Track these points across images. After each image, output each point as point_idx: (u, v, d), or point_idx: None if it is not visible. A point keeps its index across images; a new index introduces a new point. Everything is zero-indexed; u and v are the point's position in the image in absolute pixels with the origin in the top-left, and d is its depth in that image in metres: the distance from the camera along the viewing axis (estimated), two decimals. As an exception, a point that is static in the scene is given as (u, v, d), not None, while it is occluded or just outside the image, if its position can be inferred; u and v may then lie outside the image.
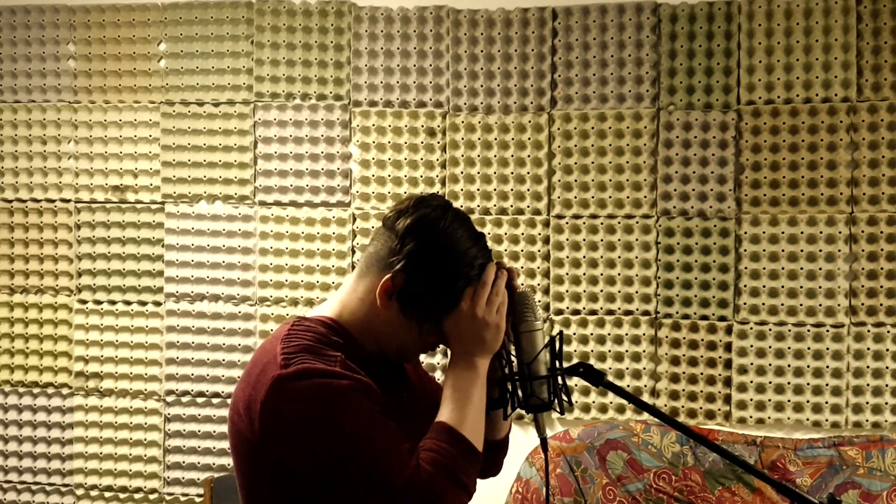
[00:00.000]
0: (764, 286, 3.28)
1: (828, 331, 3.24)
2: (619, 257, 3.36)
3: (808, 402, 3.25)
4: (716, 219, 3.31)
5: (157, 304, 3.63)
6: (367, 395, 1.50)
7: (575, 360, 2.33)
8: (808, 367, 3.25)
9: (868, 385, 3.22)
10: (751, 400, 3.28)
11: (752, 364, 3.28)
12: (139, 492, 3.63)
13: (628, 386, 3.33)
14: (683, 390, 3.34)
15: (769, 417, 3.27)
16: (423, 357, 1.86)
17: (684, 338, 3.33)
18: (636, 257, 3.35)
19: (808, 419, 3.24)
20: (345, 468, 1.47)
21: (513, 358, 1.65)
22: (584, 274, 3.38)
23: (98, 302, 3.65)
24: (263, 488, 1.56)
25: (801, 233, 3.26)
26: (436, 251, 1.58)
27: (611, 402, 3.36)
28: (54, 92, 3.68)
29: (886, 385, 3.21)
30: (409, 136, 3.48)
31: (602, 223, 3.37)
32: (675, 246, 3.34)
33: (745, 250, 3.30)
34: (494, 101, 3.44)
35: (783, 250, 3.27)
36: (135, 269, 3.63)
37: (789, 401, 3.26)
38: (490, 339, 1.58)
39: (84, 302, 3.66)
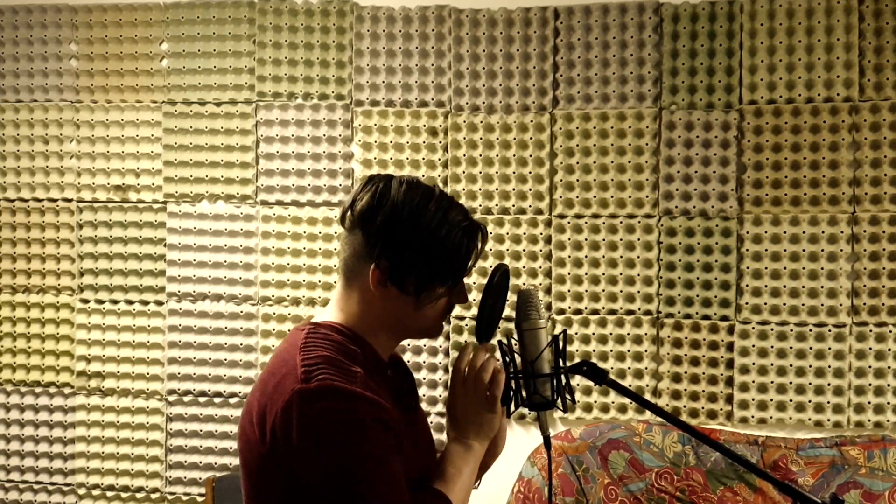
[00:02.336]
0: (766, 286, 3.28)
1: (830, 330, 3.24)
2: (621, 257, 3.36)
3: (809, 401, 3.25)
4: (718, 218, 3.31)
5: (159, 303, 3.63)
6: (383, 426, 1.50)
7: (577, 360, 2.33)
8: (810, 366, 3.25)
9: (870, 385, 3.22)
10: (753, 399, 3.28)
11: (753, 364, 3.28)
12: (141, 491, 3.63)
13: (630, 385, 3.33)
14: (685, 390, 3.33)
15: (771, 417, 3.27)
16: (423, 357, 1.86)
17: (686, 337, 3.33)
18: (638, 257, 3.35)
19: (809, 419, 3.24)
20: (353, 493, 1.46)
21: (516, 356, 1.65)
22: (586, 273, 3.38)
23: (100, 301, 3.65)
24: (271, 499, 1.55)
25: (804, 232, 3.26)
26: (401, 215, 1.56)
27: (612, 402, 3.36)
28: (56, 91, 3.69)
29: (888, 385, 3.21)
30: (410, 135, 3.48)
31: (604, 223, 3.37)
32: (677, 245, 3.34)
33: (748, 250, 3.29)
34: (496, 101, 3.44)
35: (785, 250, 3.27)
36: (137, 269, 3.63)
37: (791, 400, 3.26)
38: (485, 426, 1.66)
39: (86, 301, 3.66)
